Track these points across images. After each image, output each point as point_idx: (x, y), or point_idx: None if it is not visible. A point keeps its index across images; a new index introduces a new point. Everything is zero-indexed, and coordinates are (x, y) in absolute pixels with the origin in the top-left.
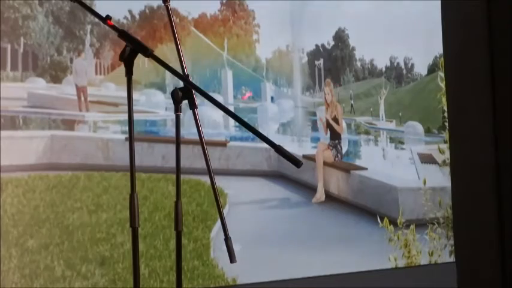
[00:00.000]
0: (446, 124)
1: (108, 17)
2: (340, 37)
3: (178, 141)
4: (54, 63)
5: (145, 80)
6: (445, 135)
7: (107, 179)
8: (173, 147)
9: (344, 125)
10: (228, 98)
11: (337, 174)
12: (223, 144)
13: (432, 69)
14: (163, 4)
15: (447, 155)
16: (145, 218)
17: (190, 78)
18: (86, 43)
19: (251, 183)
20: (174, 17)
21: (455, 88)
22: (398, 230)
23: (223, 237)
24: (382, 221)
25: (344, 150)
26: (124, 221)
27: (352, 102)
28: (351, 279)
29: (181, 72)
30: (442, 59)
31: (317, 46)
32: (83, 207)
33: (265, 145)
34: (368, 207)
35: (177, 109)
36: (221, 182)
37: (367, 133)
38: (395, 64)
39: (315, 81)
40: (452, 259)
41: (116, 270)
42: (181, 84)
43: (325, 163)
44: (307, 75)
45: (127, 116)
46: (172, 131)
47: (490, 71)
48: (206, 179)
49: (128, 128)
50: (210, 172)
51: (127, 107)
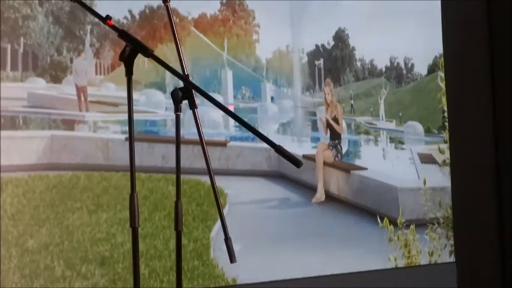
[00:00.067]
0: (446, 124)
1: (108, 17)
2: (340, 37)
3: (178, 141)
4: (54, 63)
5: (145, 80)
6: (445, 135)
7: (107, 179)
8: (173, 147)
9: (344, 125)
10: (228, 98)
11: (337, 174)
12: (223, 144)
13: (432, 69)
14: (163, 4)
15: (447, 155)
16: (145, 218)
17: (190, 78)
18: (86, 43)
19: (251, 183)
20: (174, 17)
21: (455, 88)
22: (398, 230)
23: (223, 237)
24: (382, 221)
25: (344, 150)
26: (124, 221)
27: (352, 102)
28: (351, 279)
29: (181, 72)
30: (442, 59)
31: (317, 46)
32: (83, 207)
33: (265, 145)
34: (368, 207)
35: (177, 109)
36: (221, 182)
37: (367, 133)
38: (395, 64)
39: (315, 81)
40: (452, 259)
41: (116, 270)
42: (181, 84)
43: (325, 163)
44: (307, 75)
45: (127, 116)
46: (172, 131)
47: (490, 71)
48: (206, 179)
49: (128, 128)
50: (210, 172)
51: (127, 107)
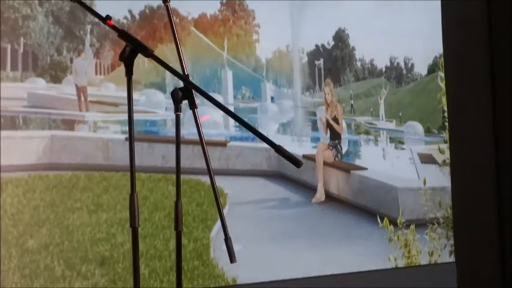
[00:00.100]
0: (446, 124)
1: (108, 17)
2: (340, 37)
3: (178, 141)
4: (54, 63)
5: (145, 80)
6: (445, 135)
7: (107, 179)
8: (173, 147)
9: (344, 125)
10: (228, 98)
11: (337, 174)
12: (223, 144)
13: (432, 69)
14: (163, 4)
15: (447, 155)
16: (145, 218)
17: (190, 78)
18: (86, 43)
19: (251, 183)
20: (174, 17)
21: (455, 88)
22: (398, 230)
23: (223, 237)
24: (382, 221)
25: (344, 150)
26: (124, 221)
27: (352, 102)
28: (351, 279)
29: (181, 72)
30: (442, 59)
31: (317, 46)
32: (83, 207)
33: (265, 145)
34: (368, 207)
35: (177, 109)
36: (221, 182)
37: (367, 133)
38: (395, 64)
39: (315, 81)
40: (452, 259)
41: (116, 270)
42: (181, 84)
43: (325, 163)
44: (307, 75)
45: (127, 116)
46: (172, 131)
47: (490, 71)
48: (206, 179)
49: (128, 128)
50: (210, 172)
51: (127, 107)
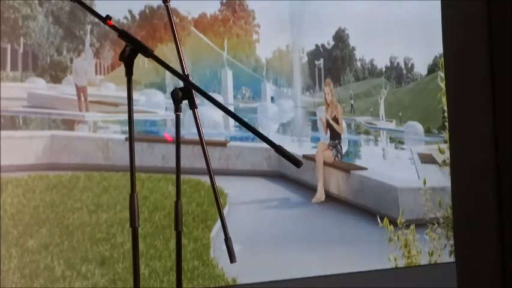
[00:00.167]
0: (446, 124)
1: (108, 17)
2: (340, 37)
3: (178, 141)
4: (54, 63)
5: (145, 80)
6: (445, 135)
7: (107, 179)
8: (173, 147)
9: (344, 125)
10: (228, 98)
11: (337, 174)
12: (223, 144)
13: (432, 69)
14: (163, 4)
15: (447, 155)
16: (145, 218)
17: (190, 78)
18: (86, 43)
19: (251, 183)
20: (174, 17)
21: (455, 88)
22: (398, 230)
23: (223, 237)
24: (382, 221)
25: (344, 150)
26: (124, 221)
27: (352, 102)
28: (351, 279)
29: (181, 72)
30: (442, 59)
31: (317, 46)
32: (83, 207)
33: (265, 145)
34: (368, 207)
35: (177, 109)
36: (221, 182)
37: (367, 133)
38: (395, 64)
39: (315, 81)
40: (452, 259)
41: (116, 270)
42: (181, 84)
43: (325, 163)
44: (307, 75)
45: (127, 116)
46: (172, 131)
47: (490, 71)
48: (206, 179)
49: (128, 128)
50: (210, 172)
51: (127, 107)
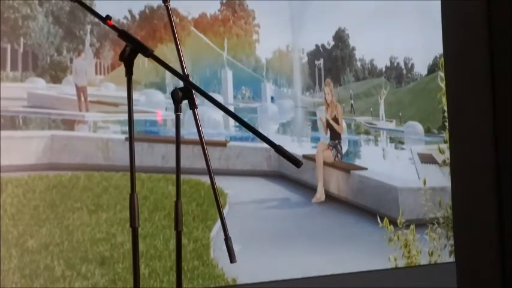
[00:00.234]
0: (446, 124)
1: (108, 17)
2: (340, 37)
3: (178, 141)
4: (54, 63)
5: (145, 80)
6: (445, 135)
7: (107, 179)
8: (173, 147)
9: (344, 125)
10: (228, 98)
11: (337, 174)
12: (223, 144)
13: (432, 69)
14: (163, 4)
15: (447, 155)
16: (145, 218)
17: (190, 78)
18: (86, 43)
19: (251, 183)
20: (174, 17)
21: (455, 88)
22: (398, 230)
23: (223, 237)
24: (382, 221)
25: (344, 150)
26: (124, 221)
27: (352, 102)
28: (351, 279)
29: (181, 72)
30: (442, 59)
31: (317, 46)
32: (83, 207)
33: (265, 145)
34: (368, 207)
35: (177, 109)
36: (221, 182)
37: (367, 133)
38: (395, 64)
39: (315, 81)
40: (452, 259)
41: (116, 270)
42: (181, 84)
43: (325, 163)
44: (307, 75)
45: (127, 116)
46: (172, 131)
47: (490, 71)
48: (206, 179)
49: (128, 128)
50: (210, 172)
51: (127, 107)
